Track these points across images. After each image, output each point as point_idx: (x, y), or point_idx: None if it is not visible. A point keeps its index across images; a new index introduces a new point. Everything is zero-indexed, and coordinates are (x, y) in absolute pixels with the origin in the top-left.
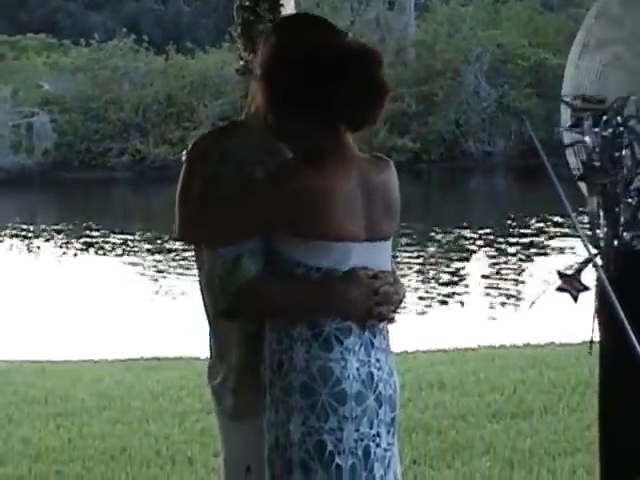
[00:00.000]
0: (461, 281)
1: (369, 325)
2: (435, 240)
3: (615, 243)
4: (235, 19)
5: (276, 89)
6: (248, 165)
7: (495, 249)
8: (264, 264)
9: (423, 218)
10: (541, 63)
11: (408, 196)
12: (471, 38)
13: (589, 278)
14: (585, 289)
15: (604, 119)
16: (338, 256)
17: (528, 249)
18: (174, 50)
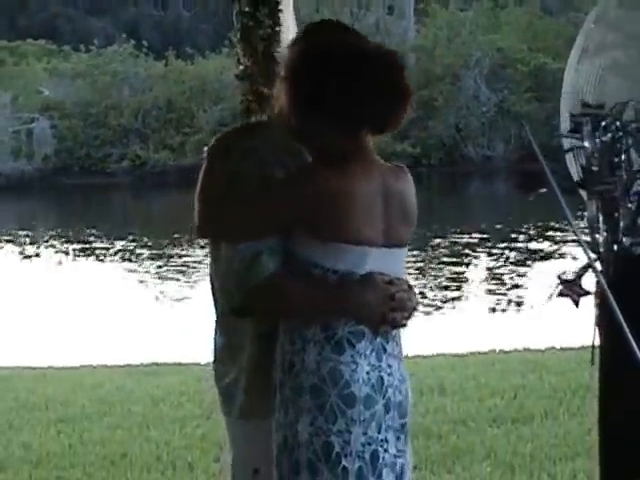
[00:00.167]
0: (461, 286)
1: (382, 331)
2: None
3: (615, 248)
4: (234, 24)
5: (300, 91)
6: (268, 165)
7: (495, 254)
8: (282, 263)
9: (423, 223)
10: (541, 68)
11: None
12: (471, 43)
13: (589, 283)
14: (586, 293)
15: (603, 124)
16: (355, 259)
17: (528, 254)
18: (174, 55)
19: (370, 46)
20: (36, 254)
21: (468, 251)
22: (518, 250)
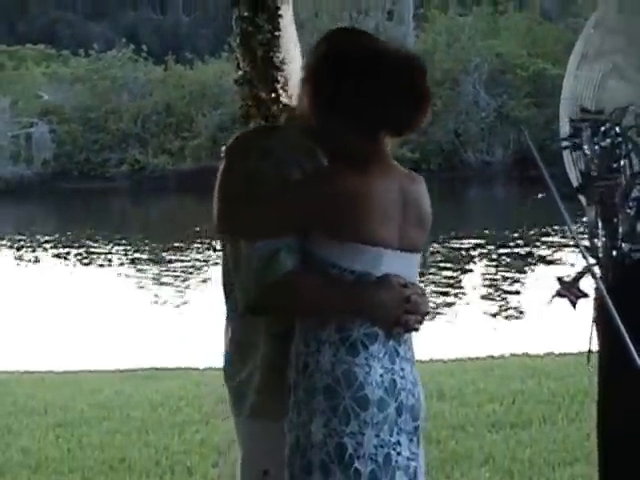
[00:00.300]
0: (460, 291)
1: (395, 333)
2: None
3: (614, 254)
4: (234, 29)
5: (320, 93)
6: (286, 165)
7: (494, 259)
8: (300, 262)
9: None
10: (540, 73)
11: None
12: (470, 48)
13: (588, 287)
14: (584, 295)
15: (602, 129)
16: (371, 260)
17: (527, 259)
18: (173, 60)
19: (391, 49)
20: (35, 258)
21: (467, 256)
22: (517, 255)
